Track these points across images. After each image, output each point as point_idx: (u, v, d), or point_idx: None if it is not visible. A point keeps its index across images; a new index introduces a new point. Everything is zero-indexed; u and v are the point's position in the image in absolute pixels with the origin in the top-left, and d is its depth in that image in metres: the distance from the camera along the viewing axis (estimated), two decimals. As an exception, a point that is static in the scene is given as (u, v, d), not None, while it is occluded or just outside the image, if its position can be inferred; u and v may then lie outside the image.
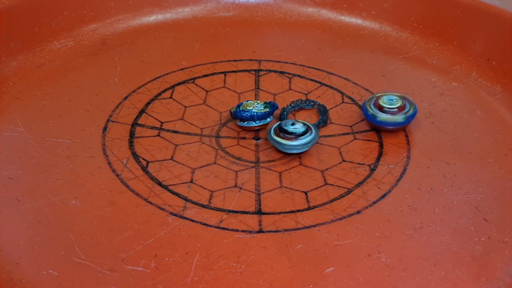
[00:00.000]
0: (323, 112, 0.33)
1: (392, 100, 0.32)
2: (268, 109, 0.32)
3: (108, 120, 0.32)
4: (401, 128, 0.32)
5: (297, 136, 0.30)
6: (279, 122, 0.31)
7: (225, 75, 0.37)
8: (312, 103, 0.33)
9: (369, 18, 0.43)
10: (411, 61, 0.39)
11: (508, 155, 0.31)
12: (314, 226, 0.27)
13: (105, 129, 0.32)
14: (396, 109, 0.31)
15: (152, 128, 0.32)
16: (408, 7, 0.42)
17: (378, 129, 0.32)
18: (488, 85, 0.37)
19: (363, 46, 0.41)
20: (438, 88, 0.37)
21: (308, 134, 0.30)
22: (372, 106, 0.32)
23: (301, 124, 0.30)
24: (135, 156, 0.30)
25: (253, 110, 0.31)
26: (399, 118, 0.31)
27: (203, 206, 0.27)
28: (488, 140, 0.33)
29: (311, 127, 0.31)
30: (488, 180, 0.30)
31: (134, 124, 0.32)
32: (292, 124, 0.30)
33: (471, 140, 0.33)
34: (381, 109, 0.32)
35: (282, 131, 0.30)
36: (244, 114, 0.31)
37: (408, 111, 0.32)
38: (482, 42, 0.39)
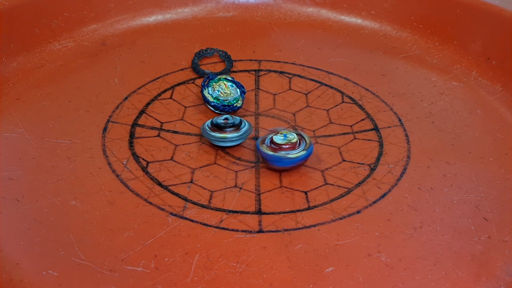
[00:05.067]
0: (226, 58, 0.34)
1: (285, 137, 0.29)
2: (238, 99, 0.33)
3: (108, 121, 0.32)
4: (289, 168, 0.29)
5: (230, 128, 0.30)
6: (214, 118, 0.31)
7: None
8: (212, 51, 0.34)
9: (369, 18, 0.43)
10: (411, 60, 0.39)
11: (508, 154, 0.31)
12: (314, 226, 0.27)
13: (105, 129, 0.32)
14: (288, 147, 0.29)
15: (152, 128, 0.32)
16: (408, 7, 0.42)
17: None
18: (488, 84, 0.37)
19: (363, 45, 0.41)
20: (438, 88, 0.37)
21: (241, 126, 0.30)
22: (267, 144, 0.29)
23: (233, 117, 0.31)
24: (135, 156, 0.30)
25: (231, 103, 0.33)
26: (291, 154, 0.28)
27: (203, 206, 0.27)
28: (488, 140, 0.32)
29: (243, 120, 0.31)
30: (488, 179, 0.30)
31: (134, 124, 0.32)
32: (225, 118, 0.30)
33: (471, 139, 0.32)
34: (275, 146, 0.29)
35: (214, 125, 0.30)
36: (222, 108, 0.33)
37: (299, 150, 0.29)
38: (482, 42, 0.39)
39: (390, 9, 0.42)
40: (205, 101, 0.33)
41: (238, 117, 0.31)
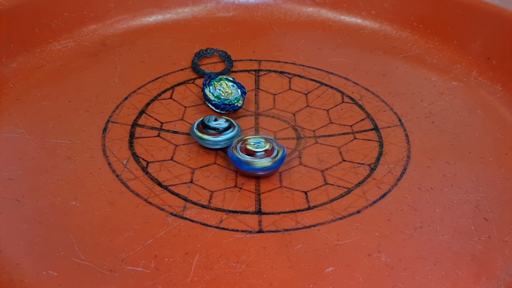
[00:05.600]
0: (226, 58, 0.34)
1: (259, 143, 0.29)
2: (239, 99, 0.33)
3: (108, 121, 0.32)
4: (271, 173, 0.29)
5: (220, 131, 0.30)
6: (202, 118, 0.31)
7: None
8: (212, 51, 0.34)
9: (369, 18, 0.43)
10: (411, 60, 0.39)
11: (508, 154, 0.31)
12: (314, 226, 0.27)
13: (105, 129, 0.32)
14: (263, 153, 0.28)
15: (152, 128, 0.32)
16: (408, 7, 0.42)
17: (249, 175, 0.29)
18: (488, 84, 0.37)
19: (363, 45, 0.41)
20: (438, 87, 0.37)
21: (230, 129, 0.30)
22: (238, 151, 0.29)
23: (224, 120, 0.30)
24: (135, 156, 0.30)
25: (232, 102, 0.33)
26: (266, 162, 0.28)
27: (203, 206, 0.27)
28: (488, 139, 0.32)
29: (234, 123, 0.31)
30: (488, 179, 0.30)
31: (134, 124, 0.32)
32: (215, 120, 0.30)
33: (471, 139, 0.32)
34: (249, 153, 0.28)
35: (205, 127, 0.30)
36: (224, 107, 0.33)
37: (276, 155, 0.28)
38: (482, 41, 0.39)
39: (390, 9, 0.42)
40: (206, 99, 0.33)
41: (228, 121, 0.31)
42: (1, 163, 0.29)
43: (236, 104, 0.33)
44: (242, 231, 0.26)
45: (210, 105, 0.33)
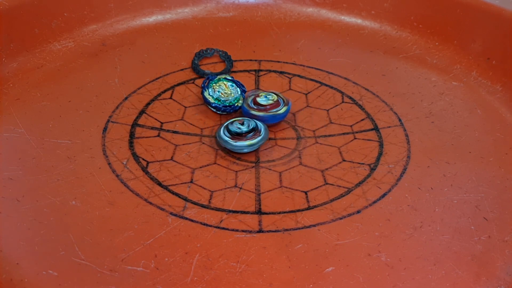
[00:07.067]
0: (226, 58, 0.34)
1: (266, 97, 0.32)
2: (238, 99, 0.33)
3: (108, 121, 0.32)
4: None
5: (246, 135, 0.30)
6: (228, 122, 0.31)
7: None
8: (212, 51, 0.34)
9: (369, 18, 0.43)
10: (411, 60, 0.39)
11: (508, 154, 0.31)
12: (314, 225, 0.27)
13: (105, 129, 0.32)
14: (271, 106, 0.32)
15: (152, 128, 0.32)
16: (408, 7, 0.42)
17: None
18: (488, 84, 0.37)
19: (363, 45, 0.41)
20: (438, 88, 0.37)
21: (255, 133, 0.30)
22: (250, 103, 0.32)
23: (248, 123, 0.30)
24: (135, 156, 0.30)
25: (232, 102, 0.33)
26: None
27: (203, 206, 0.27)
28: (488, 139, 0.33)
29: (259, 125, 0.31)
30: (488, 179, 0.30)
31: (134, 124, 0.32)
32: (242, 124, 0.30)
33: (471, 139, 0.32)
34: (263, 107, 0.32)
35: (229, 132, 0.30)
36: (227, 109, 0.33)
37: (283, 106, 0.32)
38: (482, 41, 0.39)
39: (390, 9, 0.42)
40: (206, 102, 0.33)
41: (253, 121, 0.30)
42: (1, 163, 0.29)
43: (236, 104, 0.33)
44: (242, 231, 0.26)
45: (210, 107, 0.33)
